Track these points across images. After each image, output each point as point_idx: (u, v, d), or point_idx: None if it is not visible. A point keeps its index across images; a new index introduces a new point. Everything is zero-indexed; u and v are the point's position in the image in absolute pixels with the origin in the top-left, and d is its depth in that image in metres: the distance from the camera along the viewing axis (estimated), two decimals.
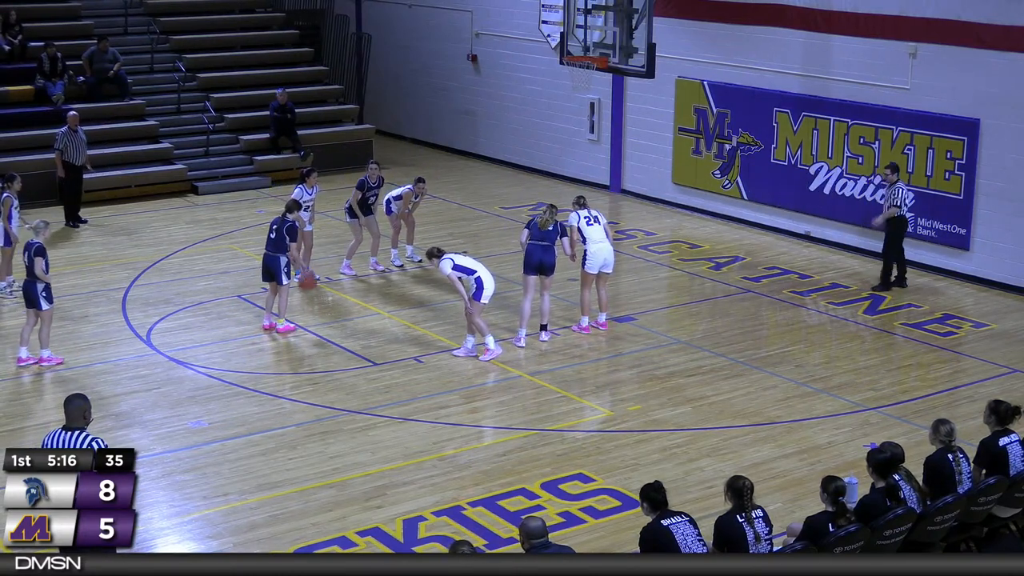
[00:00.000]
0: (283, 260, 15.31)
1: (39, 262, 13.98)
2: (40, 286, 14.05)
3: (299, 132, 24.06)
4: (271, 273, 15.38)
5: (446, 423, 12.98)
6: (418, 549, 10.36)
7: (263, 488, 11.45)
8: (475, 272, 14.47)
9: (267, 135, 24.07)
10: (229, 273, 17.86)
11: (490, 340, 14.67)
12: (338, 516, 10.96)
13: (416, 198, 18.00)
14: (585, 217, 15.40)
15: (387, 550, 10.34)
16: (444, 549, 10.14)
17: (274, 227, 15.40)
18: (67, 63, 22.97)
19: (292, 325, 15.57)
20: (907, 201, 17.38)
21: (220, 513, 11.04)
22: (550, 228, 15.01)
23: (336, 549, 10.33)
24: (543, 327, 15.34)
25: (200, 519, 10.96)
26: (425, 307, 16.62)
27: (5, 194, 16.64)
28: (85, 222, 20.42)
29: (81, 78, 23.17)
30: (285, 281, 15.35)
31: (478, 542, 10.32)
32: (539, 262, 15.00)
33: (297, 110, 24.21)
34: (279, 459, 12.07)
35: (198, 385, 13.93)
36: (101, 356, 14.75)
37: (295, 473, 11.77)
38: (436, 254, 14.76)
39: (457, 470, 11.87)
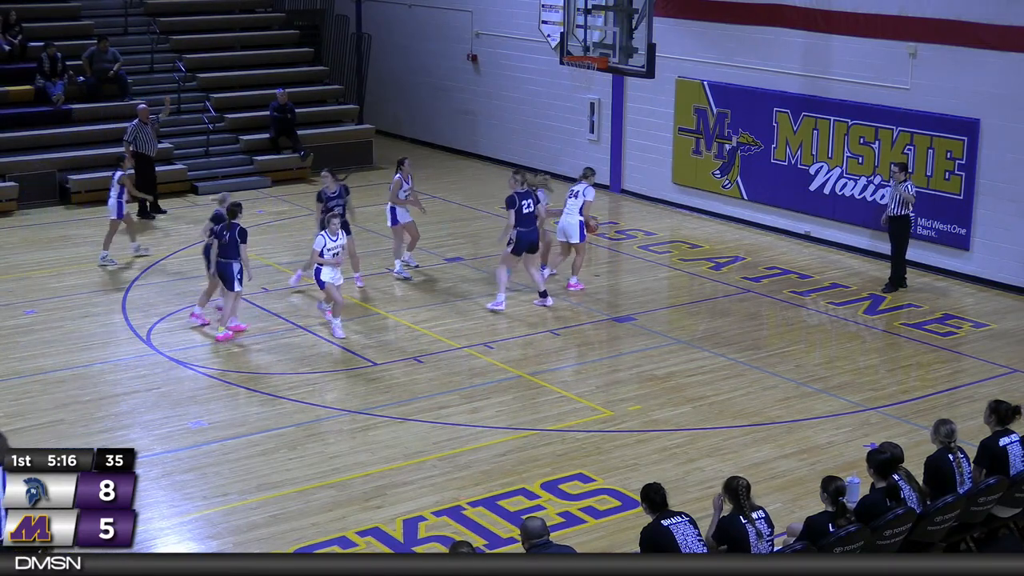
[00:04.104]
0: (236, 267, 14.91)
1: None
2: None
3: (299, 132, 24.07)
4: (223, 278, 15.00)
5: (446, 423, 12.98)
6: (418, 549, 10.36)
7: (263, 488, 11.45)
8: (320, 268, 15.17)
9: (267, 135, 24.07)
10: None
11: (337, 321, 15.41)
12: (338, 516, 10.96)
13: (407, 184, 17.26)
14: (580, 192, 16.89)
15: (387, 550, 10.34)
16: (444, 549, 10.14)
17: (225, 234, 14.91)
18: (67, 63, 22.97)
19: (231, 333, 15.20)
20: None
21: (220, 513, 11.03)
22: (531, 210, 15.99)
23: (336, 549, 10.33)
24: (542, 294, 16.38)
25: (200, 519, 10.96)
26: (425, 307, 16.61)
27: (118, 172, 17.71)
28: (165, 212, 21.05)
29: (81, 78, 23.17)
30: (237, 288, 15.04)
31: (478, 542, 10.32)
32: (528, 243, 16.11)
33: (297, 110, 24.22)
34: (279, 459, 12.07)
35: (198, 385, 13.93)
36: (101, 356, 14.75)
37: (295, 473, 11.77)
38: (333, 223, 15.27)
39: (457, 470, 11.87)
